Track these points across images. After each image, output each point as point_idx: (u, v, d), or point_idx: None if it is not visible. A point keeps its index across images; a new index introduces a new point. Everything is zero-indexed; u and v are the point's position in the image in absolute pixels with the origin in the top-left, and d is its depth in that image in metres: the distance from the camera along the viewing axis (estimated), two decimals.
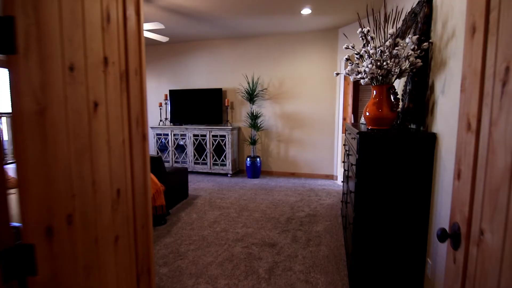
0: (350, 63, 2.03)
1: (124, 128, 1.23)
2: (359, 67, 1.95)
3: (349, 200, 2.51)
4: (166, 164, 5.79)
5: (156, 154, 5.80)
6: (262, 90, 5.43)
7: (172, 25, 4.62)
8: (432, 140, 1.72)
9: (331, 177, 5.25)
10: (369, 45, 1.85)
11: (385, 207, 1.82)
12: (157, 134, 5.78)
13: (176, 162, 5.72)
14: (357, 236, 1.88)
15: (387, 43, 1.77)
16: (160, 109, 5.93)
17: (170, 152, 5.72)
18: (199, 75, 5.85)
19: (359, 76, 1.94)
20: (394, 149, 1.77)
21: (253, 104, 5.34)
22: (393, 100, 1.91)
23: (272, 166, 5.58)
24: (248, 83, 5.34)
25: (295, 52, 5.21)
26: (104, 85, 1.09)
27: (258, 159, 5.29)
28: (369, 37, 1.85)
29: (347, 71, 1.98)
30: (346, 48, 1.96)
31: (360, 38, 1.91)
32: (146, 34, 3.78)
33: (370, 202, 1.84)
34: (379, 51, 1.76)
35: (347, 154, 2.75)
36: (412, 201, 1.77)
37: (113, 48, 1.15)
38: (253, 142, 5.31)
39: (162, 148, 5.79)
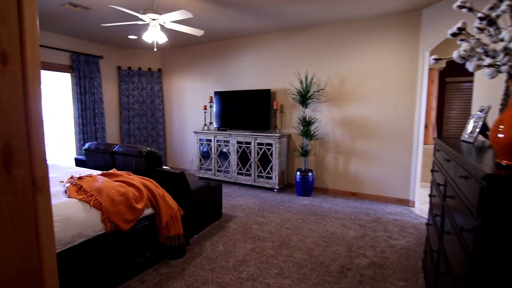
0: (462, 39, 1.08)
1: None
2: (485, 46, 1.00)
3: (443, 270, 1.53)
4: (209, 173, 5.29)
5: (199, 160, 5.35)
6: (317, 91, 4.51)
7: (214, 20, 4.05)
8: None
9: (405, 202, 4.06)
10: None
11: None
12: (200, 140, 5.32)
13: (218, 170, 5.18)
14: None
15: None
16: (205, 112, 5.47)
17: (213, 160, 5.20)
18: (246, 75, 5.21)
19: (487, 61, 0.98)
20: None
21: (306, 107, 4.46)
22: None
23: (328, 182, 4.62)
24: (301, 82, 4.48)
25: (361, 43, 4.16)
26: None
27: (310, 174, 4.39)
28: None
29: (460, 54, 1.03)
30: (459, 6, 1.02)
31: None
32: (177, 27, 3.25)
33: None
34: None
35: (440, 192, 1.73)
36: None
37: None
38: (305, 153, 4.43)
39: (205, 155, 5.32)
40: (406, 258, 2.58)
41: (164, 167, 3.25)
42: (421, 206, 3.99)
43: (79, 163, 3.63)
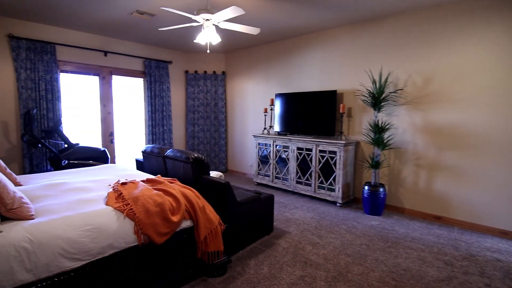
0: None
1: None
2: None
3: None
4: (266, 179, 5.04)
5: (258, 165, 5.15)
6: (394, 92, 3.81)
7: (274, 17, 3.76)
8: None
9: None
10: None
11: None
12: (259, 144, 5.11)
13: (276, 177, 4.88)
14: None
15: None
16: (265, 115, 5.23)
17: (271, 166, 4.93)
18: (309, 75, 4.78)
19: None
20: None
21: (379, 111, 3.81)
22: None
23: (404, 200, 3.87)
24: (373, 82, 3.85)
25: (454, 32, 3.34)
26: None
27: (381, 189, 3.74)
28: None
29: None
30: None
31: None
32: (231, 26, 3.06)
33: None
34: None
35: None
36: None
37: None
38: (376, 165, 3.79)
39: (264, 160, 5.08)
40: None
41: (213, 172, 3.11)
42: None
43: (138, 164, 3.77)
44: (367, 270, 2.46)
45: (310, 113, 4.54)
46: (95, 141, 4.90)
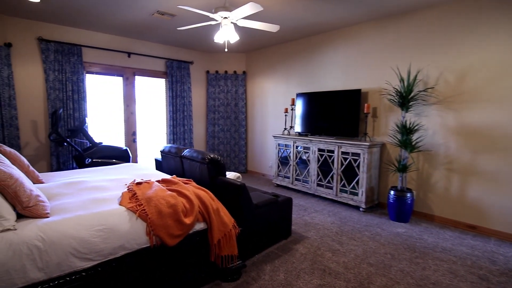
0: None
1: None
2: None
3: None
4: (286, 181, 4.91)
5: (277, 166, 5.03)
6: (424, 90, 3.56)
7: (295, 14, 3.64)
8: None
9: None
10: None
11: None
12: (279, 145, 4.99)
13: (297, 179, 4.74)
14: None
15: None
16: (286, 115, 5.10)
17: (291, 167, 4.80)
18: (332, 74, 4.60)
19: None
20: None
21: (407, 111, 3.57)
22: None
23: (434, 207, 3.60)
24: (401, 80, 3.61)
25: (491, 24, 3.04)
26: None
27: (408, 194, 3.50)
28: None
29: None
30: None
31: None
32: (250, 24, 2.98)
33: None
34: None
35: None
36: None
37: None
38: (403, 168, 3.55)
39: (284, 161, 4.96)
40: None
41: (229, 173, 3.05)
42: None
43: (158, 164, 3.80)
44: (391, 282, 2.28)
45: (332, 113, 4.36)
46: (118, 141, 5.02)
